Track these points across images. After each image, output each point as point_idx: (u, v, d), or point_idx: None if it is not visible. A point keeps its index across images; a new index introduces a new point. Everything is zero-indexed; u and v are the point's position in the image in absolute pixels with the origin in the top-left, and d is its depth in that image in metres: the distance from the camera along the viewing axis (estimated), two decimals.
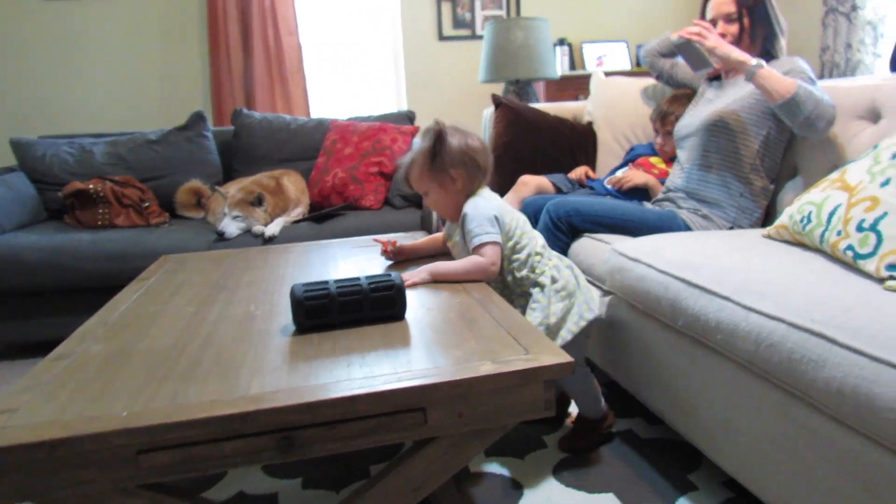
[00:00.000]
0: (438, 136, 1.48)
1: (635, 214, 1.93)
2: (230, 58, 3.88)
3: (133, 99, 3.91)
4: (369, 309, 1.17)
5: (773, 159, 1.90)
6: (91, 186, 2.65)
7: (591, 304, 1.53)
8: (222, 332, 1.15)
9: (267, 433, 0.87)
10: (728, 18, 1.93)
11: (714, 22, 1.95)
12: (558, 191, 2.30)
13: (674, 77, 2.36)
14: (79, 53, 3.79)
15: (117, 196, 2.65)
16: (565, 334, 1.47)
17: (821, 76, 3.73)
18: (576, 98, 3.91)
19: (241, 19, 3.86)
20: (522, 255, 1.48)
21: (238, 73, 3.92)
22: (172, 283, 1.53)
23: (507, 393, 0.97)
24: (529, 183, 2.26)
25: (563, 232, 1.95)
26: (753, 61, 1.73)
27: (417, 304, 1.27)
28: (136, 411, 0.84)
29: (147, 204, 2.73)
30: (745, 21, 1.91)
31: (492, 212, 1.46)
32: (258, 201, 2.51)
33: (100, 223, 2.62)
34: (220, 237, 2.41)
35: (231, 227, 2.44)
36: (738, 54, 1.77)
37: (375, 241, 1.65)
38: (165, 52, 3.91)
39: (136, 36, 3.85)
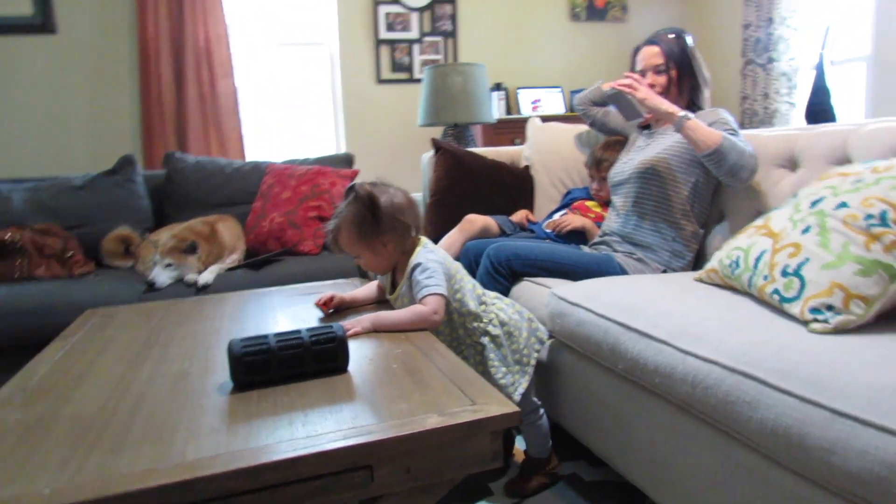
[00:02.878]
0: (364, 205, 1.46)
1: (573, 258, 1.97)
2: (162, 99, 3.79)
3: (57, 142, 3.75)
4: (311, 363, 1.14)
5: (702, 205, 1.98)
6: (8, 236, 2.49)
7: (539, 335, 1.63)
8: (155, 393, 1.10)
9: (206, 501, 0.82)
10: (657, 70, 2.04)
11: (643, 73, 2.05)
12: (502, 231, 2.33)
13: (606, 124, 2.45)
14: None
15: (37, 246, 2.51)
16: (529, 369, 1.59)
17: (741, 124, 3.96)
18: (512, 142, 4.01)
19: (175, 60, 3.80)
20: (471, 306, 1.51)
21: (170, 114, 3.83)
22: (99, 341, 1.46)
23: (455, 445, 0.96)
24: (476, 221, 2.28)
25: (504, 276, 1.97)
26: (681, 113, 1.82)
27: (360, 355, 1.25)
28: (61, 487, 0.78)
29: (70, 254, 2.60)
30: (673, 73, 2.03)
31: (441, 265, 1.47)
32: (191, 249, 2.43)
33: (17, 275, 2.46)
34: (151, 287, 2.31)
35: (162, 276, 2.34)
36: (667, 106, 1.86)
37: (317, 304, 1.61)
38: (93, 92, 3.78)
39: (63, 74, 3.70)
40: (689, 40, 2.06)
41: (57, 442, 0.92)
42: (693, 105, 2.06)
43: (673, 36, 2.05)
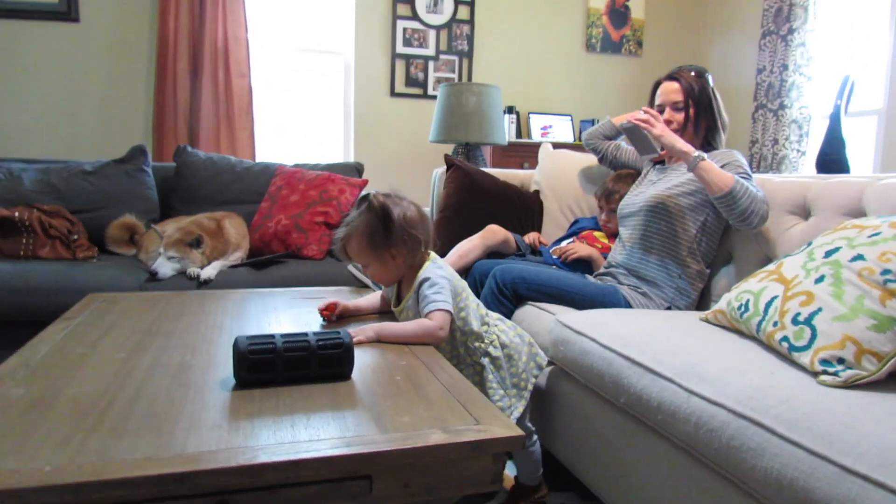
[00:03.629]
0: (377, 215, 1.46)
1: (578, 286, 1.97)
2: (176, 93, 3.81)
3: (70, 126, 3.76)
4: (316, 367, 1.13)
5: (710, 245, 1.99)
6: (16, 214, 2.49)
7: (538, 360, 1.62)
8: (156, 382, 1.09)
9: (203, 495, 0.81)
10: (675, 106, 2.04)
11: (661, 108, 2.06)
12: (518, 249, 2.35)
13: (617, 159, 2.46)
14: (14, 75, 3.63)
15: (44, 226, 2.51)
16: (526, 393, 1.57)
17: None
18: (521, 165, 4.03)
19: (192, 56, 3.82)
20: (474, 326, 1.50)
21: (183, 109, 3.84)
22: (101, 325, 1.45)
23: (456, 464, 0.95)
24: (498, 233, 2.29)
25: (508, 298, 1.97)
26: (696, 153, 1.83)
27: (363, 364, 1.24)
28: (61, 466, 0.77)
29: (76, 237, 2.59)
30: (691, 111, 2.02)
31: (448, 280, 1.47)
32: (196, 243, 2.43)
33: (22, 253, 2.46)
34: (153, 277, 2.30)
35: (165, 267, 2.34)
36: (682, 144, 1.87)
37: (320, 310, 1.60)
38: (109, 82, 3.81)
39: (80, 61, 3.73)
40: (710, 80, 2.07)
41: (58, 421, 0.91)
42: (708, 145, 2.07)
43: (694, 74, 2.06)
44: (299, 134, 4.32)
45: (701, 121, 2.04)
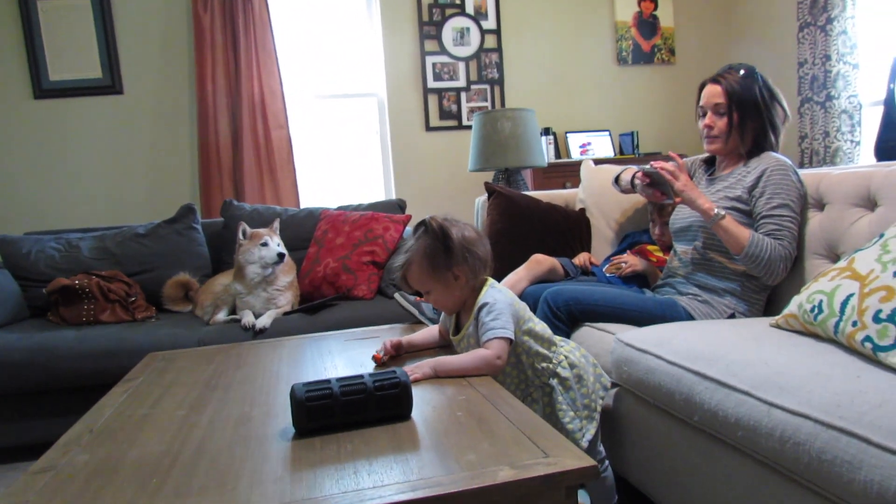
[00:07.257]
0: (436, 236, 1.45)
1: (635, 303, 1.90)
2: (219, 151, 3.91)
3: (121, 193, 3.90)
4: (374, 409, 1.11)
5: None
6: (77, 282, 2.58)
7: (603, 381, 1.59)
8: (217, 437, 1.08)
9: None
10: (717, 111, 1.94)
11: (704, 111, 1.99)
12: (566, 274, 2.28)
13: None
14: (67, 150, 3.80)
15: (103, 291, 2.59)
16: (597, 415, 1.52)
17: (801, 164, 3.83)
18: (563, 185, 3.97)
19: (231, 113, 3.93)
20: (539, 347, 1.46)
21: (227, 165, 3.94)
22: (161, 384, 1.46)
23: (527, 501, 0.90)
24: (543, 262, 2.21)
25: (563, 321, 1.91)
26: (715, 211, 1.81)
27: (422, 401, 1.21)
28: None
29: (133, 299, 2.67)
30: (735, 116, 1.91)
31: (509, 305, 1.43)
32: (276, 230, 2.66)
33: (84, 319, 2.54)
34: (280, 259, 2.52)
35: (282, 249, 2.56)
36: (702, 202, 1.84)
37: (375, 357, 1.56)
38: (155, 145, 3.94)
39: (126, 132, 3.88)
40: (760, 79, 1.93)
41: (122, 485, 0.90)
42: (757, 149, 1.95)
43: (743, 73, 1.93)
44: (340, 176, 4.38)
45: (747, 125, 1.93)
